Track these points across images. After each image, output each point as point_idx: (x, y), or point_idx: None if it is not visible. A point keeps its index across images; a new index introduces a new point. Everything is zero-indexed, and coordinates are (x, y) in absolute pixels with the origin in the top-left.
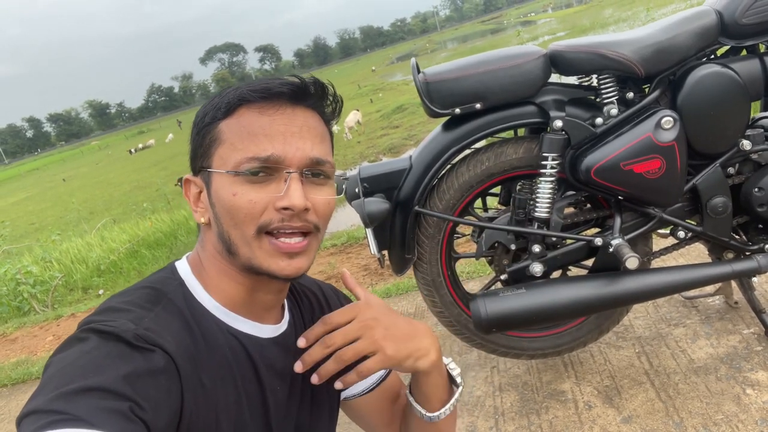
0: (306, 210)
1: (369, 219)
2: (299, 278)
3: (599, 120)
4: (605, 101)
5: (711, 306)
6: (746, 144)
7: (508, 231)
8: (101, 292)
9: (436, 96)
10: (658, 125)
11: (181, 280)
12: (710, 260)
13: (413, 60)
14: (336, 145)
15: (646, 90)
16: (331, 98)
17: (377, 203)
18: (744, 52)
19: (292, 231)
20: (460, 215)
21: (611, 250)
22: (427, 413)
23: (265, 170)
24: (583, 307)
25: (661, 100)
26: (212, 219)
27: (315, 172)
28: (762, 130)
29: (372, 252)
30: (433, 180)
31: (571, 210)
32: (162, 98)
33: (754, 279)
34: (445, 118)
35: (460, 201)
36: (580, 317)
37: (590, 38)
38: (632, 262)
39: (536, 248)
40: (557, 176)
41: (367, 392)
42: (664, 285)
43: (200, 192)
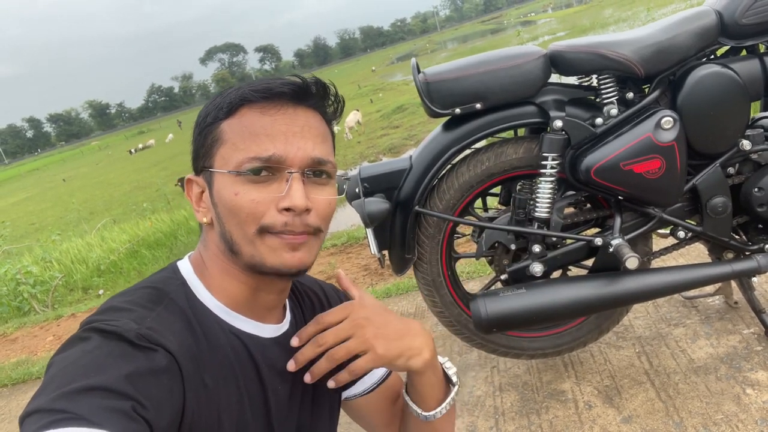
0: (307, 210)
1: (369, 219)
2: (302, 274)
3: (599, 120)
4: (605, 101)
5: (711, 306)
6: (746, 144)
7: (508, 231)
8: (101, 293)
9: (437, 96)
10: (658, 125)
11: (183, 280)
12: (710, 260)
13: (413, 60)
14: (336, 145)
15: (646, 90)
16: (333, 98)
17: (377, 203)
18: (744, 53)
19: (294, 235)
20: (460, 215)
21: (611, 250)
22: (423, 412)
23: (267, 170)
24: (583, 307)
25: (661, 100)
26: (214, 219)
27: (317, 172)
28: (762, 130)
29: (372, 252)
30: (434, 180)
31: (571, 210)
32: (162, 98)
33: (754, 279)
34: (445, 118)
35: (460, 201)
36: (580, 317)
37: (590, 38)
38: (632, 262)
39: (536, 248)
40: (557, 176)
41: (368, 392)
42: (664, 285)
43: (202, 192)
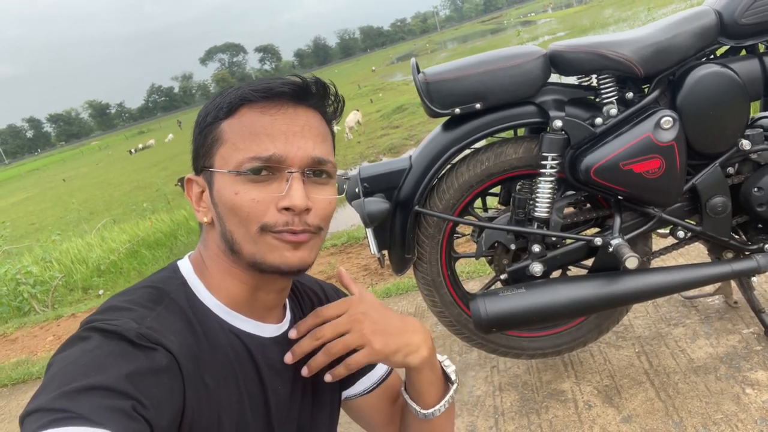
0: (307, 210)
1: (369, 219)
2: (303, 272)
3: (599, 120)
4: (605, 101)
5: (710, 306)
6: (746, 144)
7: (508, 231)
8: (101, 293)
9: (436, 96)
10: (658, 125)
11: (184, 280)
12: (710, 260)
13: (413, 60)
14: (336, 145)
15: (646, 90)
16: (333, 98)
17: (377, 203)
18: (743, 52)
19: (294, 234)
20: (460, 215)
21: (611, 250)
22: (422, 410)
23: (267, 170)
24: (583, 307)
25: (661, 100)
26: (215, 218)
27: (317, 172)
28: (761, 130)
29: (372, 252)
30: (433, 180)
31: (571, 210)
32: (162, 98)
33: (754, 279)
34: (445, 118)
35: (460, 201)
36: (580, 317)
37: (590, 38)
38: (632, 262)
39: (536, 248)
40: (557, 176)
41: (368, 392)
42: (664, 285)
43: (202, 191)
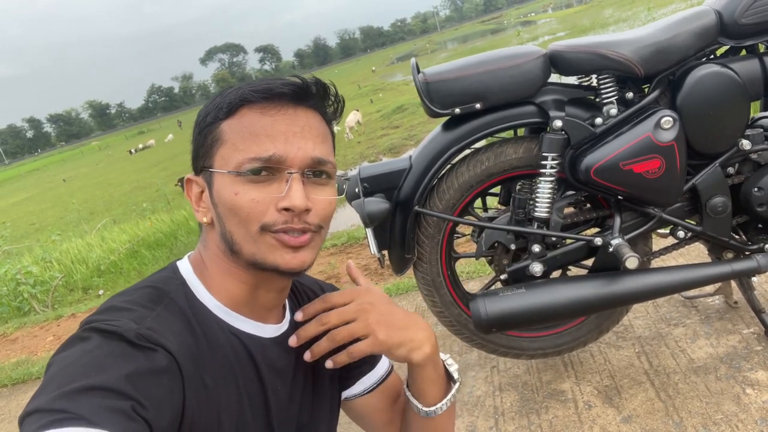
0: (307, 210)
1: (369, 219)
2: (302, 273)
3: (599, 120)
4: (605, 101)
5: (711, 306)
6: (746, 144)
7: (508, 231)
8: (101, 293)
9: (436, 96)
10: (658, 125)
11: (183, 280)
12: (710, 260)
13: (413, 60)
14: (336, 146)
15: (646, 90)
16: (333, 98)
17: (377, 203)
18: (743, 52)
19: (294, 232)
20: (460, 215)
21: (611, 250)
22: (424, 408)
23: (267, 170)
24: (583, 307)
25: (661, 100)
26: (215, 218)
27: (316, 172)
28: (761, 130)
29: (372, 252)
30: (433, 180)
31: (571, 210)
32: (162, 98)
33: (754, 279)
34: (445, 118)
35: (460, 201)
36: (580, 317)
37: (590, 38)
38: (632, 262)
39: (536, 248)
40: (557, 176)
41: (368, 392)
42: (664, 285)
43: (202, 192)
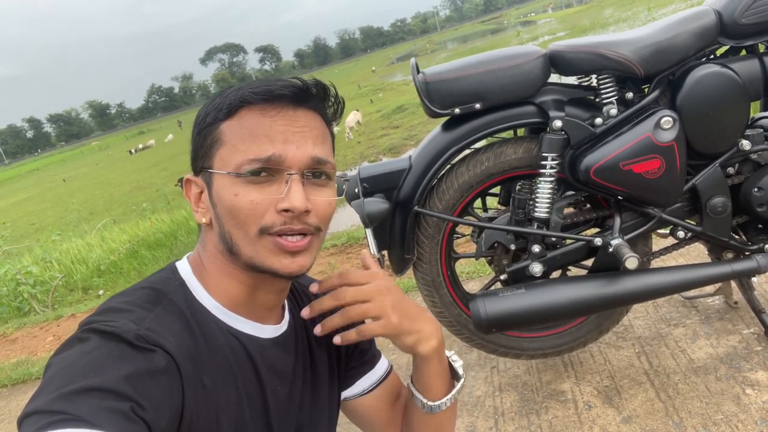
0: (307, 211)
1: (369, 219)
2: (301, 276)
3: (599, 120)
4: (605, 101)
5: (711, 306)
6: (746, 144)
7: (508, 231)
8: (101, 293)
9: (436, 96)
10: (658, 125)
11: (182, 281)
12: (710, 260)
13: (413, 60)
14: (336, 146)
15: (646, 90)
16: (333, 99)
17: (377, 203)
18: (743, 52)
19: (293, 233)
20: (460, 215)
21: (611, 250)
22: (428, 401)
23: (267, 171)
24: (583, 307)
25: (661, 100)
26: (214, 219)
27: (316, 173)
28: (761, 130)
29: (372, 252)
30: (433, 180)
31: (571, 210)
32: (162, 98)
33: (754, 279)
34: (445, 118)
35: (460, 201)
36: (580, 317)
37: (590, 38)
38: (632, 262)
39: (536, 248)
40: (557, 176)
41: (368, 392)
42: (664, 285)
43: (201, 192)
